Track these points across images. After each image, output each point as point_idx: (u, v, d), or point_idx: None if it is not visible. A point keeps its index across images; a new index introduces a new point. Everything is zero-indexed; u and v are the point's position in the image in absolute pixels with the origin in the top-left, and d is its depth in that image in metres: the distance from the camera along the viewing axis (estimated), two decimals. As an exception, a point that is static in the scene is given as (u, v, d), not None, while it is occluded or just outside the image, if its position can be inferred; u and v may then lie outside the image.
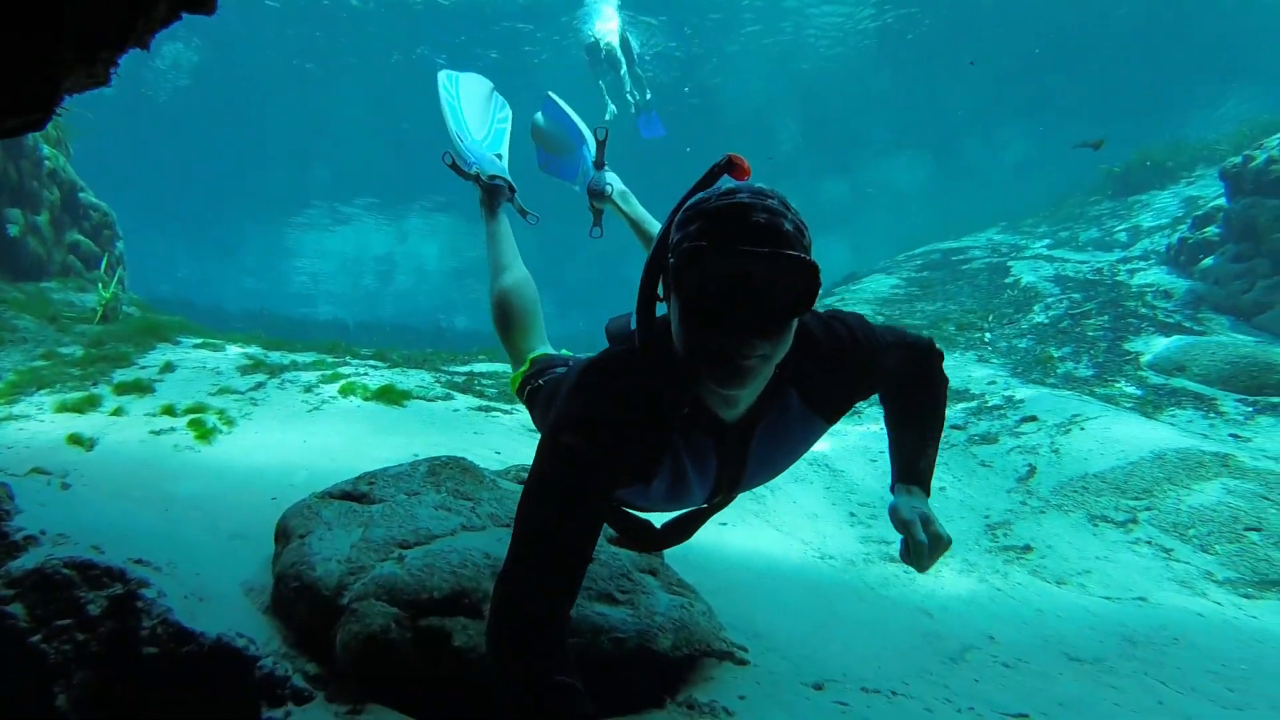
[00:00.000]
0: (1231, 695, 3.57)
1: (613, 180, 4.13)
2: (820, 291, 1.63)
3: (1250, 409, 7.80)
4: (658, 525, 2.48)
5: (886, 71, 29.62)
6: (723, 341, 1.59)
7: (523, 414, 6.78)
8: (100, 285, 8.55)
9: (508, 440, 5.92)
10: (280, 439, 5.21)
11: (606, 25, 19.22)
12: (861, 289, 15.24)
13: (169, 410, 5.37)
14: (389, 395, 6.31)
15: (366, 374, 7.17)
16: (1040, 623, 4.36)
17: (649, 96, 17.90)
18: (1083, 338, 10.10)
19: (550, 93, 4.53)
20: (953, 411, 7.81)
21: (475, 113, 4.37)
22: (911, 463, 2.39)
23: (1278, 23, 28.41)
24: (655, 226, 3.99)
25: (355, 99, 28.31)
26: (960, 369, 9.20)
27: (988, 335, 10.70)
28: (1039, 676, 3.74)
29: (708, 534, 4.93)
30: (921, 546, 2.18)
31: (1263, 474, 5.94)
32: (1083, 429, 7.03)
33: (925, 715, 3.18)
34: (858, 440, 7.18)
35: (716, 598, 3.96)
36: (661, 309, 1.84)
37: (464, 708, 2.94)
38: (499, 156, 4.29)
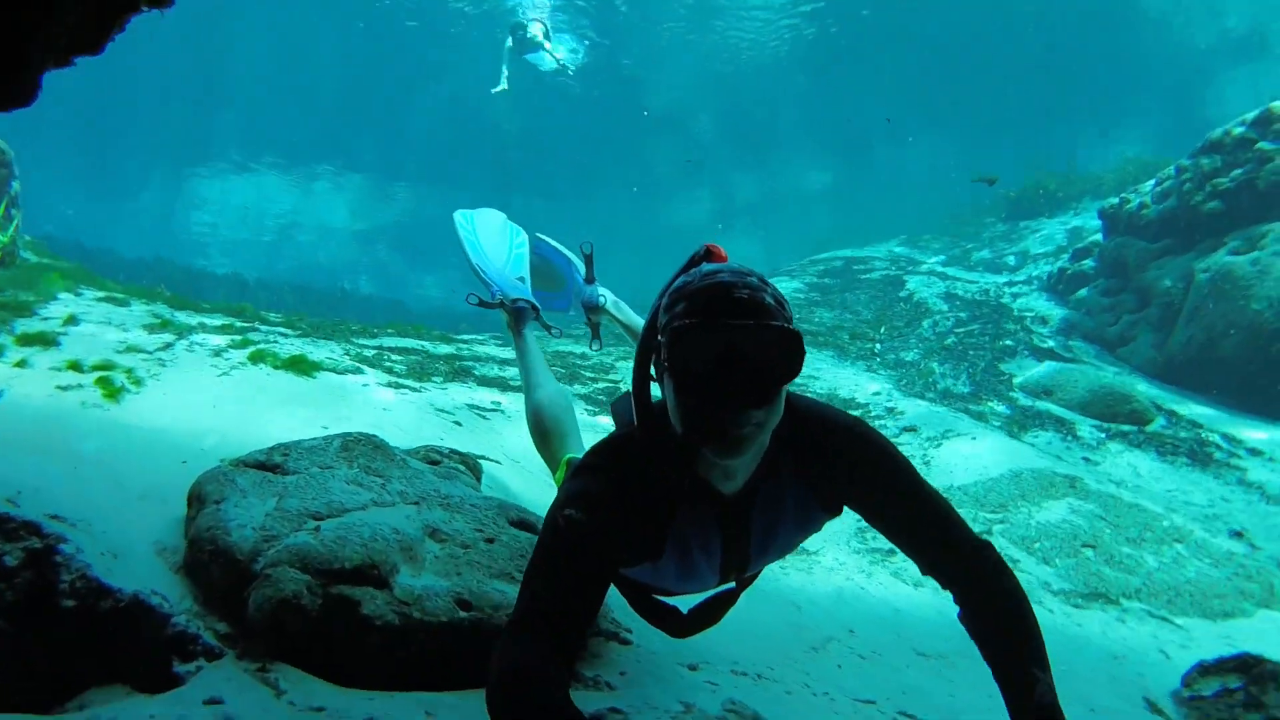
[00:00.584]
0: (1049, 691, 4.09)
1: (604, 293, 4.41)
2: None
3: (1103, 435, 8.55)
4: (684, 611, 2.58)
5: (804, 76, 30.35)
6: (717, 413, 1.68)
7: (430, 394, 6.96)
8: (-4, 227, 8.31)
9: (416, 418, 6.09)
10: (189, 402, 5.26)
11: (538, 17, 19.74)
12: (766, 291, 15.75)
13: (75, 366, 5.35)
14: (299, 366, 6.39)
15: (276, 342, 7.21)
16: (896, 620, 4.83)
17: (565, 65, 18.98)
18: (964, 356, 10.80)
19: (538, 233, 4.86)
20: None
21: (493, 243, 4.67)
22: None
23: (1170, 71, 30.31)
24: None
25: (263, 50, 27.52)
26: (851, 379, 9.75)
27: (878, 347, 11.32)
28: (889, 668, 4.18)
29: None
30: None
31: (1104, 496, 6.60)
32: (953, 444, 7.63)
33: (785, 697, 3.55)
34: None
35: (606, 581, 4.28)
36: (656, 392, 1.96)
37: (366, 671, 3.17)
38: (521, 280, 4.56)
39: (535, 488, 5.45)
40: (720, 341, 1.65)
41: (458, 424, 6.23)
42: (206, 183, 38.60)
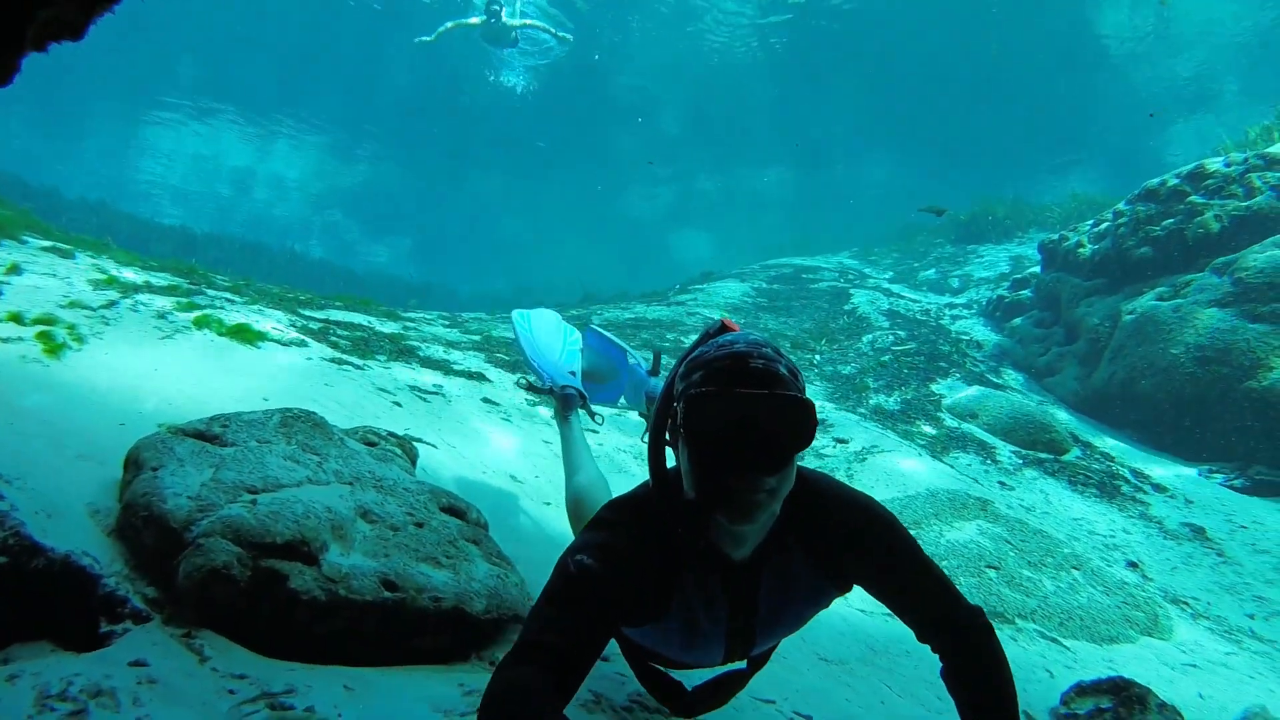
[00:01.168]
0: (938, 703, 4.36)
1: None
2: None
3: (1021, 461, 8.94)
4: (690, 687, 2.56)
5: (771, 84, 30.70)
6: (730, 480, 1.73)
7: (373, 371, 7.03)
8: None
9: (357, 395, 6.17)
10: (131, 364, 5.28)
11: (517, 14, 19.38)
12: (715, 290, 16.02)
13: (15, 318, 5.33)
14: (244, 334, 6.41)
15: (222, 308, 7.20)
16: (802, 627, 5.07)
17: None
18: (899, 374, 11.15)
19: (594, 326, 5.12)
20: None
21: (547, 339, 5.07)
22: None
23: (1125, 114, 31.27)
24: None
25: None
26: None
27: (817, 358, 11.62)
28: (791, 670, 4.40)
29: (533, 513, 5.41)
30: None
31: (1012, 521, 6.94)
32: (877, 459, 7.93)
33: (688, 693, 3.76)
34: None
35: (532, 570, 4.43)
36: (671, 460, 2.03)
37: (291, 644, 3.30)
38: (573, 374, 4.82)
39: (468, 474, 5.58)
40: (734, 410, 1.71)
41: (398, 404, 6.32)
42: (160, 129, 37.58)
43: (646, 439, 4.51)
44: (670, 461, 2.06)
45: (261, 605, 3.29)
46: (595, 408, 4.78)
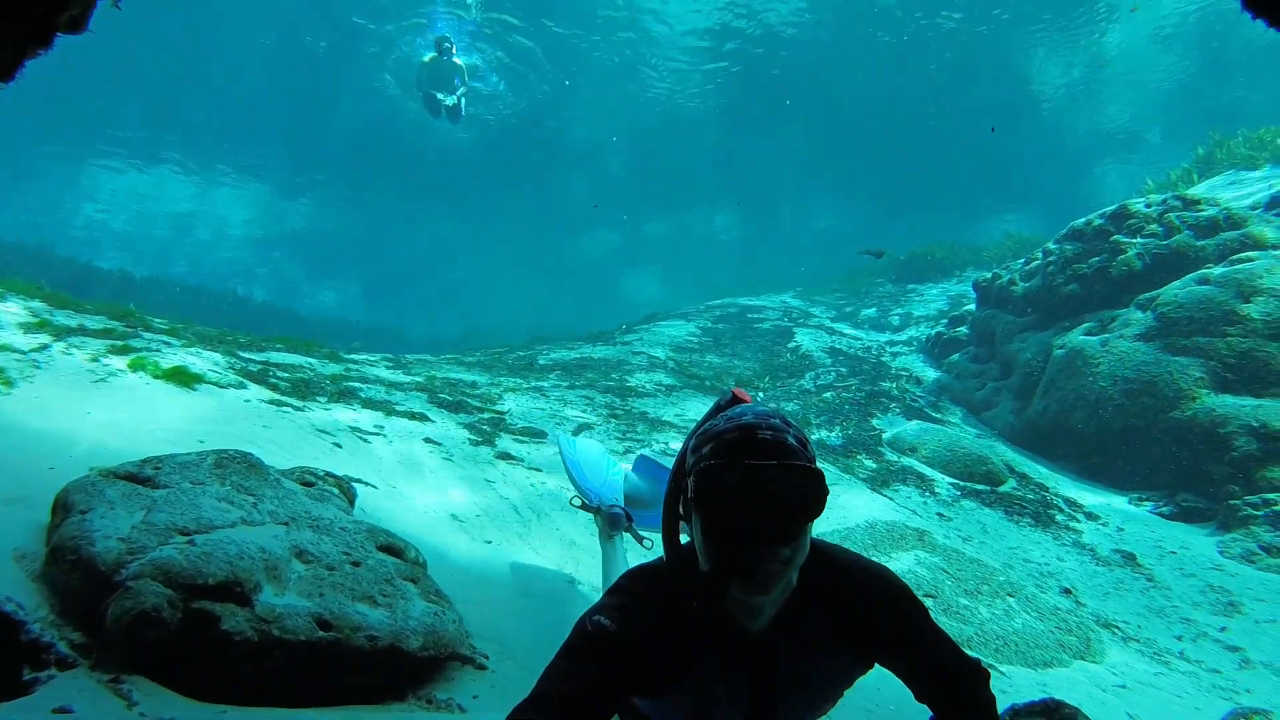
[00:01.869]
0: (876, 729, 4.43)
1: None
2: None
3: (959, 493, 9.14)
4: None
5: (718, 128, 31.33)
6: (743, 551, 1.73)
7: (313, 413, 6.99)
8: None
9: (296, 437, 6.13)
10: (63, 407, 5.21)
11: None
12: (660, 330, 16.16)
13: (-58, 362, 5.25)
14: (180, 377, 6.35)
15: (159, 350, 7.12)
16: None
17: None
18: (840, 410, 11.34)
19: (644, 453, 5.34)
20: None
21: (590, 464, 5.35)
22: None
23: (1057, 157, 32.50)
24: None
25: (174, 43, 26.83)
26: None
27: (760, 395, 11.78)
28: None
29: (474, 551, 5.42)
30: None
31: (949, 551, 7.09)
32: (819, 493, 8.05)
33: None
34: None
35: (471, 608, 4.44)
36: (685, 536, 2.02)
37: (223, 686, 3.27)
38: (615, 501, 5.03)
39: (408, 514, 5.57)
40: (745, 481, 1.71)
41: (338, 445, 6.29)
42: (101, 172, 36.94)
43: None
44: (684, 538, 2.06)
45: (193, 647, 3.26)
46: (642, 532, 4.87)
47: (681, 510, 1.95)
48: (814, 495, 1.73)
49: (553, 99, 29.55)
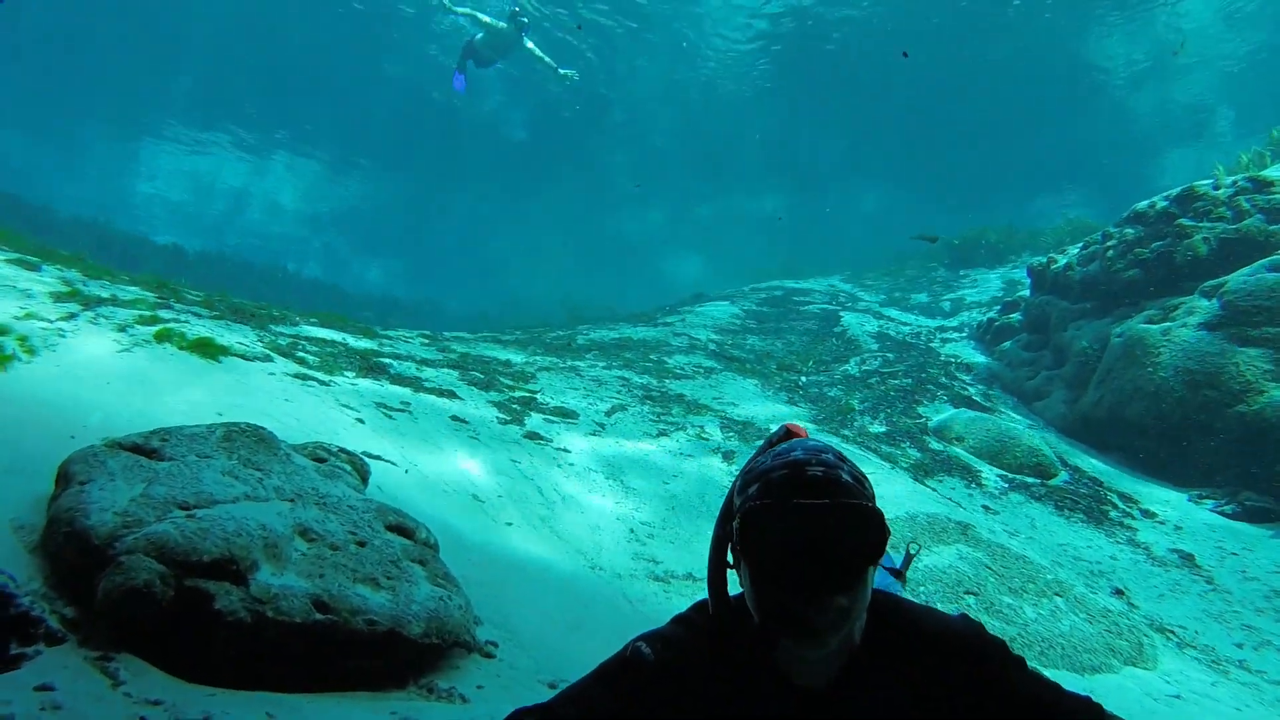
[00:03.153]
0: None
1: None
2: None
3: (1006, 485, 8.78)
4: None
5: (768, 106, 30.82)
6: (795, 601, 1.57)
7: (339, 387, 6.88)
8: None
9: (317, 411, 6.02)
10: (82, 376, 5.14)
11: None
12: (704, 311, 15.90)
13: (-34, 329, 5.22)
14: (206, 348, 6.27)
15: (187, 321, 7.05)
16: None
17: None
18: (885, 396, 11.00)
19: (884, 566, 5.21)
20: (750, 447, 8.42)
21: None
22: None
23: (1121, 142, 31.45)
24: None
25: (226, 20, 27.12)
26: (769, 409, 9.86)
27: (803, 380, 11.47)
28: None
29: (492, 534, 5.26)
30: None
31: (993, 546, 6.77)
32: (858, 482, 7.76)
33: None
34: (668, 461, 7.65)
35: (483, 591, 4.28)
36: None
37: (214, 667, 3.14)
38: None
39: (427, 493, 5.42)
40: (795, 523, 1.55)
41: (360, 421, 6.16)
42: (158, 148, 37.70)
43: None
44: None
45: (184, 626, 3.14)
46: None
47: (730, 558, 1.75)
48: (872, 538, 1.54)
49: (603, 74, 29.25)
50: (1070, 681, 5.40)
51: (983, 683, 1.76)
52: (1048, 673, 5.64)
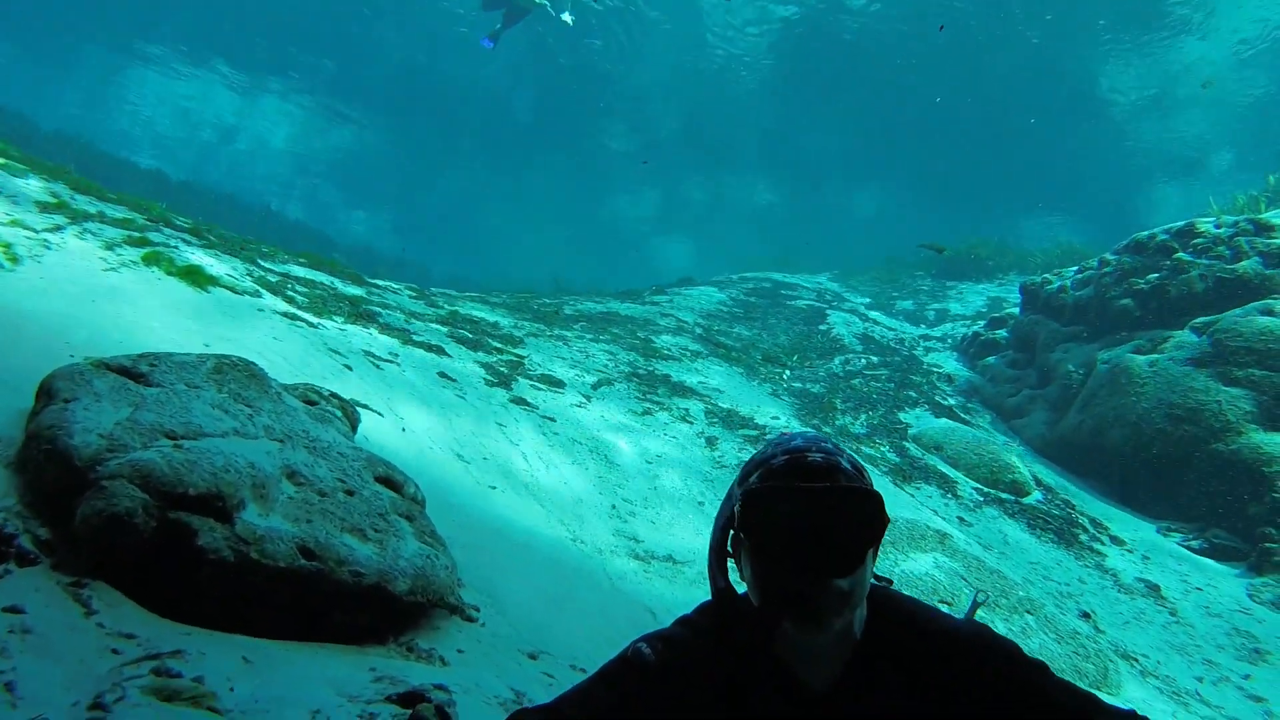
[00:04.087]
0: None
1: None
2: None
3: (982, 499, 8.80)
4: None
5: (771, 102, 30.69)
6: (795, 581, 1.56)
7: (328, 331, 6.72)
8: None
9: (306, 353, 5.86)
10: (67, 291, 4.95)
11: None
12: (691, 295, 15.81)
13: (-53, 231, 5.00)
14: (194, 276, 6.08)
15: (176, 247, 6.84)
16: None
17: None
18: (867, 398, 10.99)
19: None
20: (733, 434, 8.36)
21: None
22: None
23: (1116, 172, 31.69)
24: None
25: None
26: (753, 400, 9.81)
27: (787, 374, 11.43)
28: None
29: (476, 496, 5.15)
30: None
31: (969, 557, 6.77)
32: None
33: (619, 700, 3.52)
34: (656, 444, 7.57)
35: (467, 554, 4.17)
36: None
37: (192, 605, 3.01)
38: None
39: (412, 447, 5.30)
40: (795, 506, 1.57)
41: (348, 368, 6.01)
42: (147, 71, 36.72)
43: None
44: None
45: (164, 560, 3.00)
46: None
47: (730, 546, 1.75)
48: (872, 520, 1.54)
49: (607, 53, 28.93)
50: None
51: (988, 685, 1.70)
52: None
